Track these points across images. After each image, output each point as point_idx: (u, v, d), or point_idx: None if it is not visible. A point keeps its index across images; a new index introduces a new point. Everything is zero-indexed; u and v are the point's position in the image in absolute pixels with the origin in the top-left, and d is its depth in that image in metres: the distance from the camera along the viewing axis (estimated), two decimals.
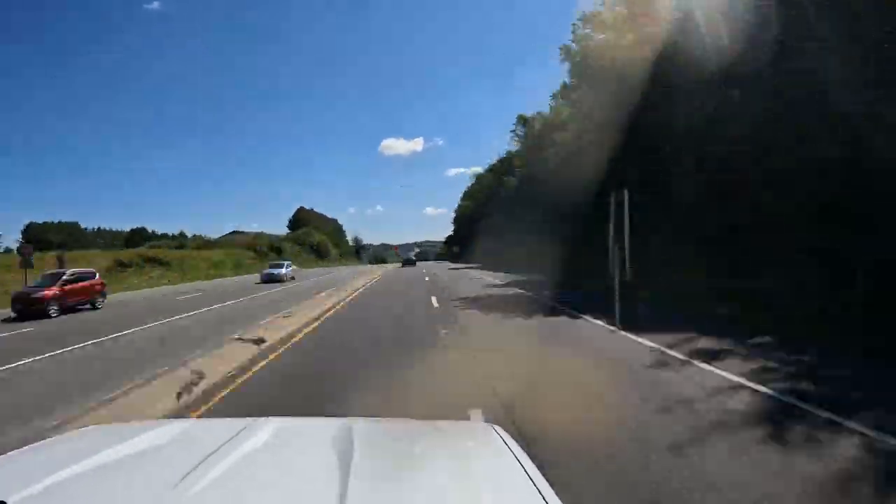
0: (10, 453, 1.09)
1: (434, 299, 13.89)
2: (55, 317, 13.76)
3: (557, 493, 0.85)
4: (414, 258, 57.05)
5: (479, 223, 46.64)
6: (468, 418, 3.94)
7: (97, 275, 16.83)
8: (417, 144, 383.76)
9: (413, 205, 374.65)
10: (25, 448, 1.14)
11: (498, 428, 1.20)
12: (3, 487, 0.82)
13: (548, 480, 0.89)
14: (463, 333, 8.41)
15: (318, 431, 1.26)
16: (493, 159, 53.76)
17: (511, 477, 0.91)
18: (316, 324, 10.03)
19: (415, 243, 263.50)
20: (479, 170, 63.52)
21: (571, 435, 3.62)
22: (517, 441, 1.12)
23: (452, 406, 4.29)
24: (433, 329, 8.83)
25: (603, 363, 6.03)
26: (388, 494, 0.85)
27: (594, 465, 3.15)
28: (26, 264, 17.97)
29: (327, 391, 5.06)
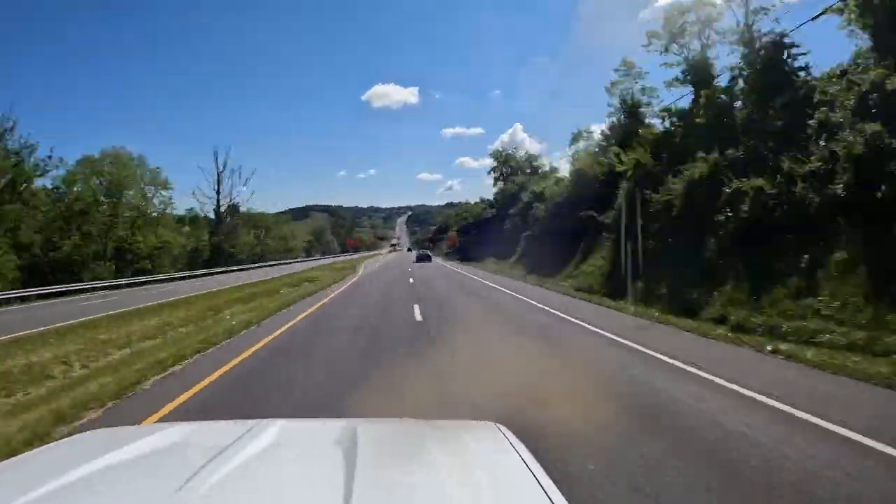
0: (11, 459, 1.11)
1: None
2: None
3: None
4: (429, 253, 50.01)
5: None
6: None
7: None
8: (412, 95, 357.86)
9: (406, 169, 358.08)
10: (27, 453, 1.16)
11: (502, 427, 1.23)
12: (4, 493, 0.83)
13: (552, 479, 0.91)
14: None
15: (323, 432, 1.29)
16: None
17: (516, 475, 0.94)
18: None
19: (408, 207, 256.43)
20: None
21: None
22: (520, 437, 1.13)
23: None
24: None
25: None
26: (393, 495, 0.87)
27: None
28: None
29: None
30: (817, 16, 11.70)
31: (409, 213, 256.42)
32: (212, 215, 49.69)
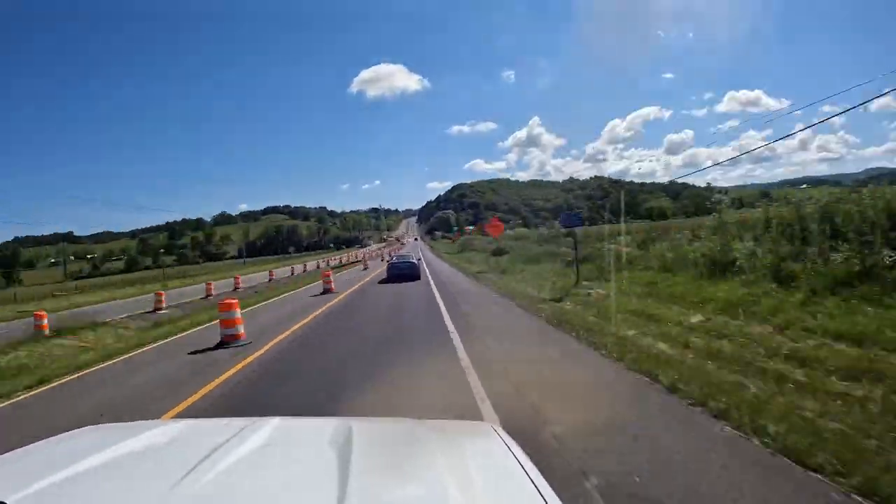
0: (9, 453, 1.13)
1: None
2: None
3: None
4: (415, 261, 22.41)
5: None
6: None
7: None
8: (413, 81, 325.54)
9: (414, 177, 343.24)
10: (25, 448, 1.18)
11: (498, 427, 1.26)
12: (3, 487, 0.85)
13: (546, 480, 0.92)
14: None
15: (318, 431, 1.31)
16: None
17: (510, 476, 0.96)
18: None
19: (418, 212, 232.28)
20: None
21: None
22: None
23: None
24: None
25: None
26: (388, 494, 0.88)
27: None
28: None
29: None
30: None
31: (414, 218, 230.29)
32: None
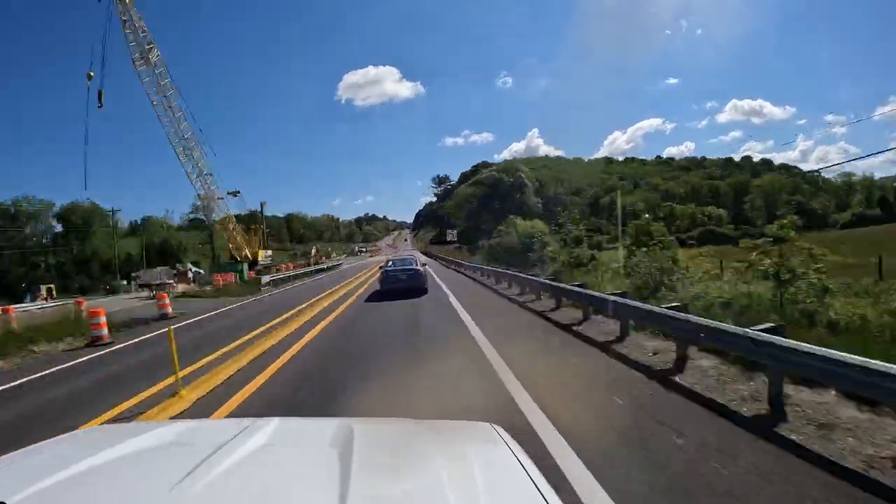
0: (11, 454, 1.12)
1: None
2: None
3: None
4: (419, 267, 15.81)
5: None
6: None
7: None
8: (405, 87, 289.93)
9: (406, 191, 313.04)
10: (26, 448, 1.18)
11: (498, 427, 1.26)
12: (4, 488, 0.85)
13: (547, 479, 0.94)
14: None
15: (319, 431, 1.30)
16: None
17: (511, 476, 0.96)
18: None
19: (411, 224, 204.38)
20: None
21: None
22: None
23: None
24: None
25: None
26: (389, 494, 0.88)
27: None
28: None
29: None
30: None
31: (412, 225, 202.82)
32: None
